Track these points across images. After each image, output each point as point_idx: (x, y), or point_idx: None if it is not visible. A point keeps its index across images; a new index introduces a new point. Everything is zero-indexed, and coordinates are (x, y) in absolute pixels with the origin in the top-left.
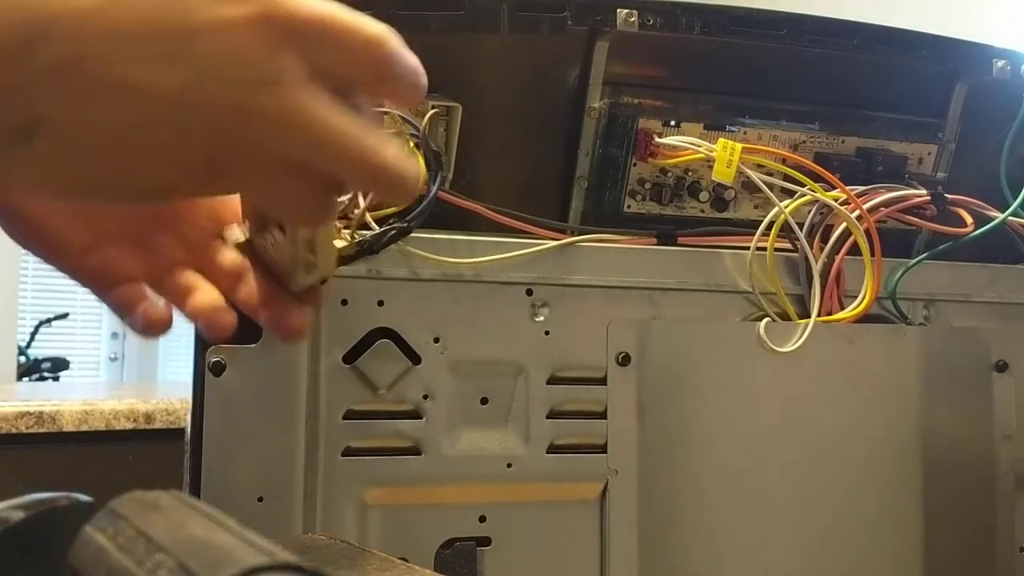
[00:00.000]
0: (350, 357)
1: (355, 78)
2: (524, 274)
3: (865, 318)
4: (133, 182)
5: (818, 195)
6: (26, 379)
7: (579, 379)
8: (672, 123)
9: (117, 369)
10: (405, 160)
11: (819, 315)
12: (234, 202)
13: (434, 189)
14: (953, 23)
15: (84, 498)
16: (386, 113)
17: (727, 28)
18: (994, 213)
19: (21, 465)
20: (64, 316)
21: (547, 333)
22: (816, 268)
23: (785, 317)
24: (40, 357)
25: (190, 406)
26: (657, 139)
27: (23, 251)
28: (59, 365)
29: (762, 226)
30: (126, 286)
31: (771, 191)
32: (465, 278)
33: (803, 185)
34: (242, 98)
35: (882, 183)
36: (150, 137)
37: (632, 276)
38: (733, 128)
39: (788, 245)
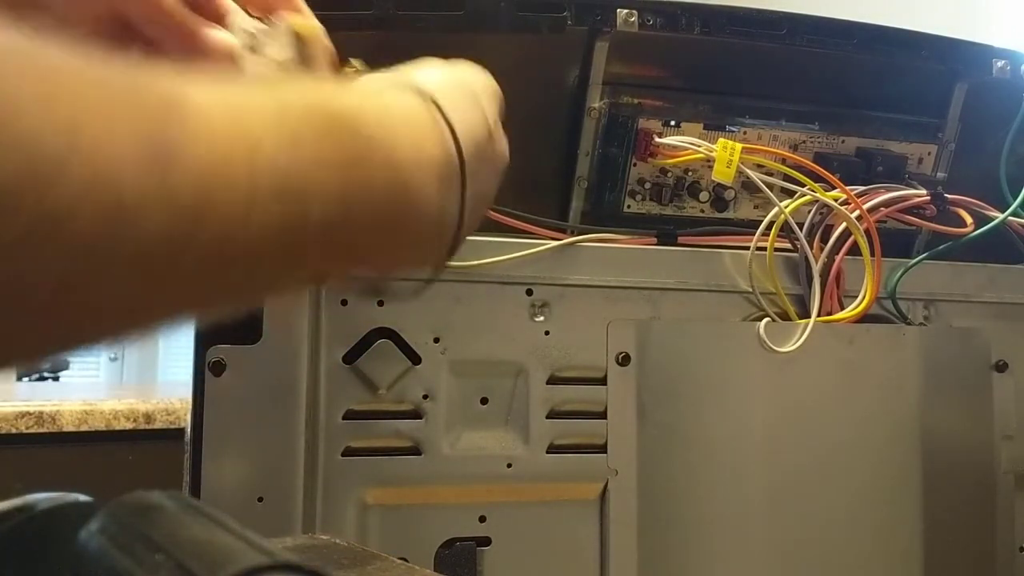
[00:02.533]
0: (350, 357)
1: None
2: (524, 274)
3: (865, 318)
4: None
5: (818, 195)
6: (26, 379)
7: (579, 379)
8: (672, 123)
9: (117, 369)
10: None
11: (819, 315)
12: None
13: None
14: (953, 23)
15: (84, 498)
16: None
17: (727, 28)
18: (994, 213)
19: (21, 465)
20: None
21: (547, 333)
22: (816, 268)
23: (785, 317)
24: None
25: (190, 406)
26: (657, 139)
27: None
28: (59, 365)
29: (762, 226)
30: None
31: (771, 191)
32: (465, 278)
33: (803, 185)
34: None
35: (882, 183)
36: None
37: (632, 276)
38: (733, 128)
39: (788, 245)
